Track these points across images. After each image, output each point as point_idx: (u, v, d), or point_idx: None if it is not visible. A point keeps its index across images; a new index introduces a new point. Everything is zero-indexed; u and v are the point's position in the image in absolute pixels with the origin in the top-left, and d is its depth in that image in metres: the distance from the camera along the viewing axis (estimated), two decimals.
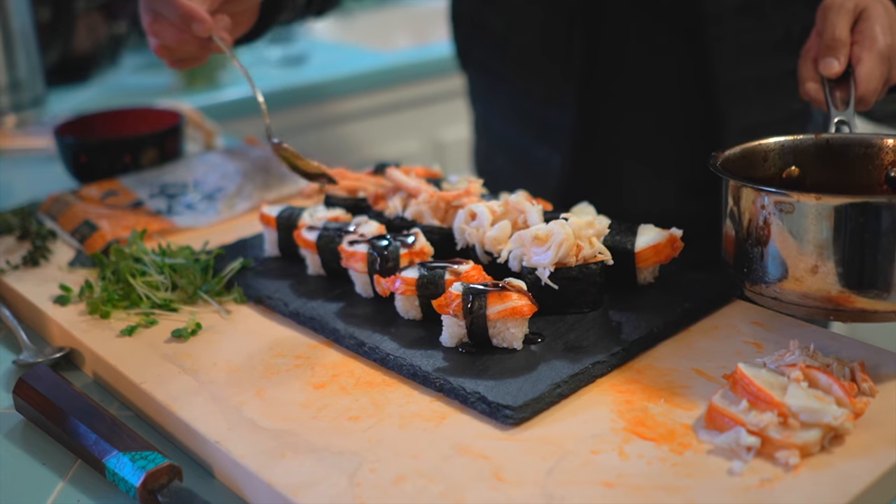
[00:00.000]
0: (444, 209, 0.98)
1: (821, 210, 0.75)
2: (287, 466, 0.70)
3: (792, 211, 0.77)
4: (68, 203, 1.19)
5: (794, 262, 0.78)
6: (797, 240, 0.77)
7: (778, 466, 0.67)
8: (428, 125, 2.35)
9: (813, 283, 0.77)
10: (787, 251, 0.78)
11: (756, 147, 0.91)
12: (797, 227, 0.77)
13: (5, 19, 1.78)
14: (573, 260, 0.85)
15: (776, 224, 0.78)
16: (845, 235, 0.75)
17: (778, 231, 0.78)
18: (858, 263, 0.76)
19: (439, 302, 0.82)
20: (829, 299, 0.77)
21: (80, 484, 0.75)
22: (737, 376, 0.73)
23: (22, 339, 0.96)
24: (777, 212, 0.78)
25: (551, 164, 1.33)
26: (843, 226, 0.75)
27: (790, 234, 0.77)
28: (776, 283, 0.79)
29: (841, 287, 0.76)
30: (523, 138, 1.39)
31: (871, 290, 0.76)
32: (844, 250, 0.75)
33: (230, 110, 2.00)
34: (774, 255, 0.79)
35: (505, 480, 0.67)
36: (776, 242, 0.78)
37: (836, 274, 0.76)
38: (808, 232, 0.76)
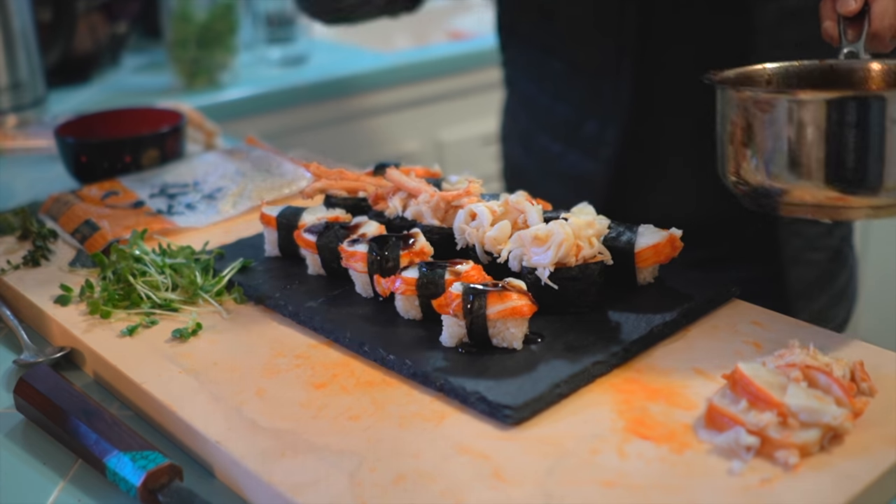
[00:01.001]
0: (444, 209, 0.98)
1: (797, 106, 0.78)
2: (287, 466, 0.70)
3: (771, 110, 0.79)
4: (69, 203, 1.19)
5: (779, 161, 0.80)
6: (779, 138, 0.79)
7: (777, 466, 0.67)
8: (428, 125, 2.35)
9: (795, 181, 0.79)
10: (769, 149, 0.80)
11: (758, 70, 0.92)
12: (777, 125, 0.79)
13: (6, 19, 1.78)
14: (573, 260, 0.85)
15: (759, 125, 0.80)
16: (822, 131, 0.77)
17: (761, 132, 0.80)
18: (834, 159, 0.78)
19: (439, 302, 0.82)
20: (809, 196, 0.79)
21: (80, 484, 0.75)
22: (736, 376, 0.73)
23: (22, 338, 0.96)
24: (759, 112, 0.80)
25: (606, 136, 1.33)
26: (820, 121, 0.77)
27: (771, 132, 0.79)
28: (763, 182, 0.81)
29: (822, 184, 0.78)
30: (574, 112, 1.38)
31: (847, 184, 0.78)
32: (821, 146, 0.77)
33: (231, 110, 2.00)
34: (759, 155, 0.81)
35: (505, 480, 0.67)
36: (758, 141, 0.81)
37: (815, 170, 0.78)
38: (788, 129, 0.78)
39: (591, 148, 1.35)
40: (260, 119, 2.06)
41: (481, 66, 2.37)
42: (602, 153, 1.33)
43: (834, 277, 1.39)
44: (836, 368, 0.75)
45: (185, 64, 2.08)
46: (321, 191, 1.10)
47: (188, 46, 2.06)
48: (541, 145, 1.45)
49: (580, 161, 1.37)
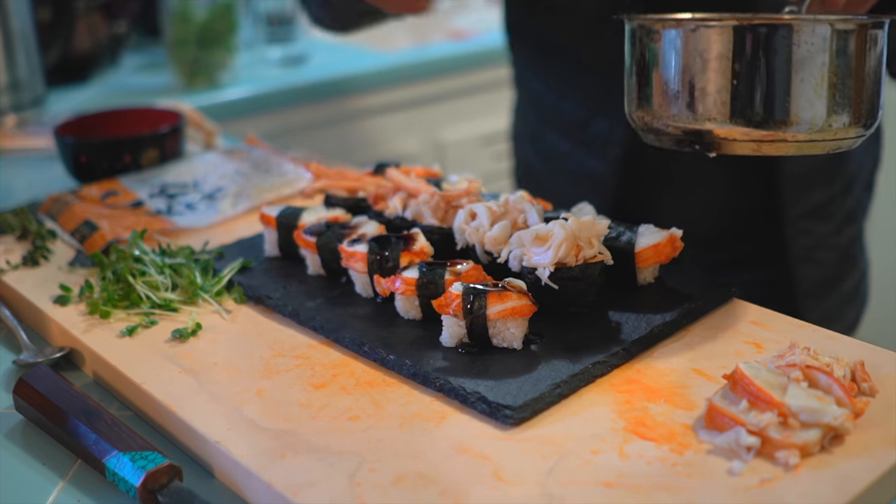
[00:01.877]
0: (444, 209, 0.98)
1: (677, 35, 0.76)
2: (287, 466, 0.70)
3: (659, 39, 0.78)
4: (68, 203, 1.19)
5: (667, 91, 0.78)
6: (668, 67, 0.77)
7: (778, 466, 0.67)
8: (428, 125, 2.35)
9: (680, 111, 0.78)
10: (660, 80, 0.79)
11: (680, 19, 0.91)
12: (666, 55, 0.78)
13: (5, 19, 1.78)
14: (573, 260, 0.85)
15: (650, 55, 0.79)
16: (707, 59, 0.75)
17: (652, 61, 0.79)
18: (717, 89, 0.76)
19: (439, 302, 0.82)
20: (690, 127, 0.78)
21: (80, 484, 0.75)
22: (737, 376, 0.73)
23: (22, 339, 0.96)
24: (648, 43, 0.79)
25: (614, 135, 1.33)
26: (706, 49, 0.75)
27: (661, 62, 0.78)
28: (657, 114, 0.80)
29: (705, 113, 0.77)
30: (581, 111, 1.38)
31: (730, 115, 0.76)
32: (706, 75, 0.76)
33: (230, 110, 2.00)
34: (654, 86, 0.80)
35: (505, 480, 0.67)
36: (651, 73, 0.79)
37: (701, 100, 0.76)
38: (677, 58, 0.77)
39: (598, 147, 1.35)
40: (260, 119, 2.06)
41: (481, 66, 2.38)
42: (610, 152, 1.33)
43: (843, 279, 1.39)
44: (837, 368, 0.75)
45: (185, 64, 2.08)
46: (321, 191, 1.10)
47: (188, 46, 2.06)
48: (549, 144, 1.45)
49: (588, 160, 1.37)
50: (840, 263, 1.37)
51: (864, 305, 1.49)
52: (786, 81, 0.75)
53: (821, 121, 0.76)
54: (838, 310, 1.39)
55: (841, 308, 1.40)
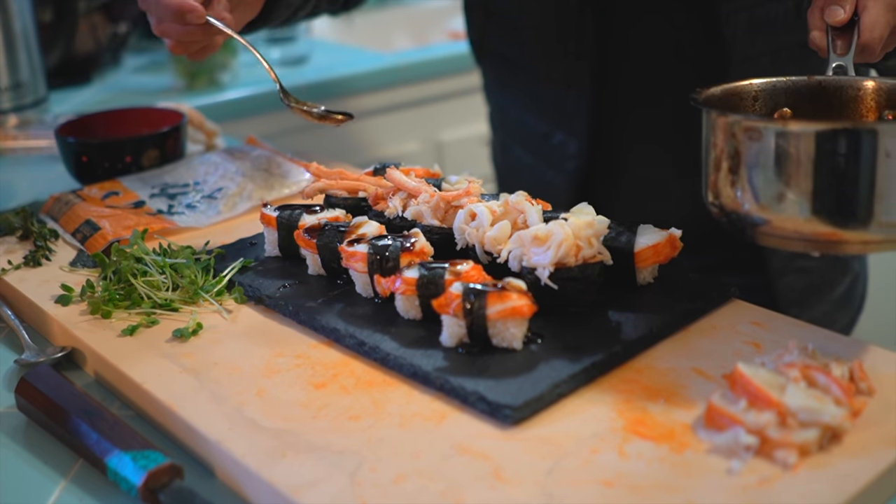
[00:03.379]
0: (444, 209, 0.98)
1: (788, 137, 0.74)
2: (288, 466, 0.70)
3: (760, 138, 0.76)
4: (70, 203, 1.19)
5: (767, 191, 0.77)
6: (766, 168, 0.76)
7: (776, 466, 0.67)
8: (428, 125, 2.35)
9: (784, 213, 0.76)
10: (759, 180, 0.77)
11: (744, 87, 0.89)
12: (766, 154, 0.76)
13: (7, 20, 1.78)
14: (573, 260, 0.85)
15: (747, 152, 0.77)
16: (812, 162, 0.74)
17: (749, 160, 0.77)
18: (825, 191, 0.74)
19: (439, 302, 0.82)
20: (799, 229, 0.76)
21: (81, 483, 0.75)
22: (736, 376, 0.73)
23: (24, 338, 0.96)
24: (747, 140, 0.77)
25: (569, 149, 1.34)
26: (811, 153, 0.74)
27: (760, 162, 0.76)
28: (751, 212, 0.78)
29: (810, 216, 0.75)
30: (542, 125, 1.40)
31: (838, 217, 0.75)
32: (812, 178, 0.74)
33: (231, 110, 2.00)
34: (748, 184, 0.78)
35: (505, 480, 0.67)
36: (747, 171, 0.77)
37: (805, 203, 0.75)
38: (777, 159, 0.75)
39: (557, 160, 1.37)
40: (260, 119, 2.06)
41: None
42: (568, 166, 1.35)
43: (832, 285, 1.38)
44: (835, 368, 0.75)
45: (186, 64, 2.08)
46: (321, 191, 1.10)
47: None
48: (514, 156, 1.47)
49: (548, 173, 1.39)
50: (828, 269, 1.36)
51: (860, 310, 1.48)
52: (872, 184, 0.74)
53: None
54: (830, 315, 1.38)
55: (832, 313, 1.39)
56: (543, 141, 1.39)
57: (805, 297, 1.34)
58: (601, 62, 1.28)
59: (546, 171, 1.40)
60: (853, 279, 1.43)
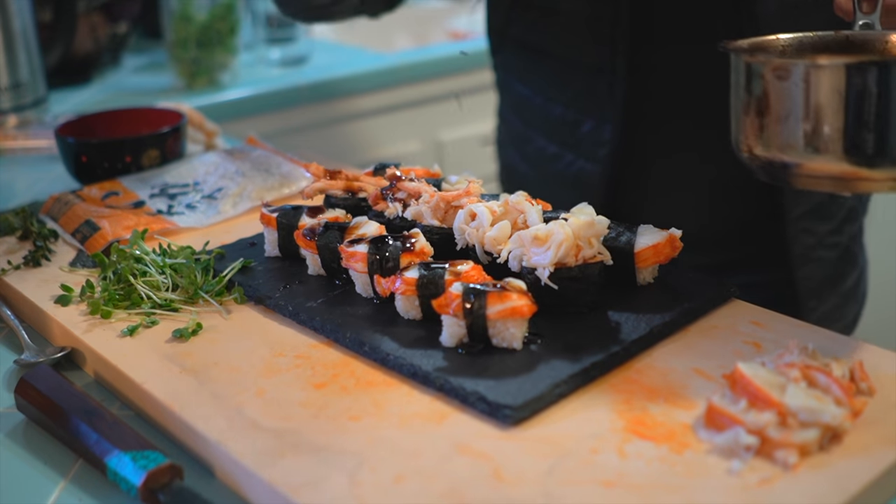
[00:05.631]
0: (444, 209, 0.98)
1: (816, 72, 0.74)
2: (287, 466, 0.70)
3: (788, 77, 0.75)
4: (69, 203, 1.19)
5: (796, 132, 0.76)
6: (795, 107, 0.75)
7: (777, 466, 0.67)
8: (428, 125, 2.35)
9: (815, 153, 0.75)
10: (788, 121, 0.76)
11: (771, 41, 0.88)
12: (794, 94, 0.75)
13: (6, 20, 1.78)
14: (573, 260, 0.85)
15: (775, 92, 0.77)
16: (840, 98, 0.73)
17: (776, 99, 0.76)
18: (853, 128, 0.74)
19: (439, 302, 0.82)
20: (830, 169, 0.75)
21: (81, 483, 0.75)
22: (736, 376, 0.73)
23: (23, 338, 0.96)
24: (775, 80, 0.76)
25: (602, 135, 1.32)
26: (838, 88, 0.73)
27: (788, 101, 0.76)
28: (780, 153, 0.78)
29: (841, 154, 0.74)
30: (570, 113, 1.37)
31: (868, 154, 0.74)
32: (840, 115, 0.73)
33: (231, 111, 2.00)
34: (777, 125, 0.77)
35: (505, 480, 0.67)
36: (776, 111, 0.77)
37: (836, 141, 0.74)
38: (806, 97, 0.75)
39: (588, 148, 1.34)
40: (260, 119, 2.06)
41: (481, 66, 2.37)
42: (599, 153, 1.32)
43: (843, 277, 1.39)
44: (836, 368, 0.75)
45: (186, 64, 2.08)
46: (321, 191, 1.10)
47: (188, 47, 2.06)
48: (537, 148, 1.44)
49: (577, 162, 1.37)
50: (840, 262, 1.37)
51: (864, 302, 1.48)
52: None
53: None
54: (839, 308, 1.39)
55: (842, 306, 1.40)
56: (572, 129, 1.37)
57: (821, 288, 1.34)
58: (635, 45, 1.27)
59: (575, 160, 1.37)
60: (860, 272, 1.43)
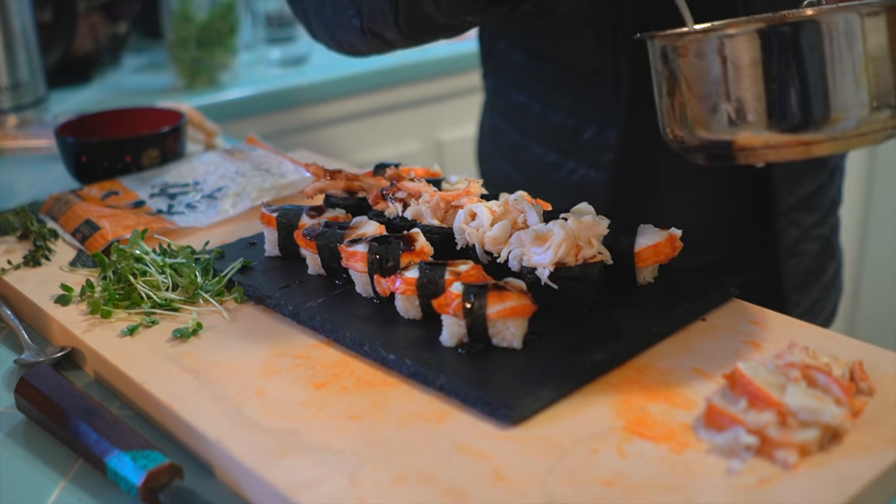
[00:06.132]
0: (444, 209, 0.98)
1: (712, 44, 0.73)
2: (287, 466, 0.70)
3: (686, 54, 0.74)
4: (69, 203, 1.19)
5: (703, 105, 0.75)
6: (700, 81, 0.74)
7: (777, 465, 0.67)
8: (428, 125, 2.35)
9: (744, 129, 0.74)
10: (694, 95, 0.75)
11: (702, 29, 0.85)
12: (697, 68, 0.74)
13: (6, 20, 1.78)
14: (573, 260, 0.85)
15: (680, 71, 0.76)
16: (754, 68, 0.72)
17: (683, 77, 0.75)
18: (777, 96, 0.72)
19: (439, 301, 0.82)
20: (735, 139, 0.74)
21: (81, 483, 0.75)
22: (736, 376, 0.73)
23: (23, 338, 0.96)
24: (677, 58, 0.75)
25: (606, 140, 1.30)
26: (749, 58, 0.72)
27: (693, 77, 0.75)
28: (694, 130, 0.76)
29: (768, 126, 0.73)
30: (571, 120, 1.35)
31: (791, 124, 0.73)
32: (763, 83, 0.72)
33: (231, 110, 2.01)
34: (687, 102, 0.76)
35: (505, 479, 0.67)
36: (684, 89, 0.76)
37: (738, 110, 0.73)
38: (708, 70, 0.74)
39: (590, 155, 1.32)
40: (260, 119, 2.06)
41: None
42: (603, 159, 1.30)
43: (824, 269, 1.39)
44: (836, 368, 0.75)
45: (186, 64, 2.08)
46: (321, 191, 1.10)
47: (188, 46, 2.06)
48: (534, 157, 1.41)
49: (579, 170, 1.35)
50: (821, 254, 1.37)
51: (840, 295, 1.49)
52: (823, 79, 0.72)
53: (866, 111, 0.73)
54: (821, 301, 1.39)
55: (823, 299, 1.40)
56: (573, 137, 1.34)
57: (804, 281, 1.34)
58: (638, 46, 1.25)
59: (577, 168, 1.34)
60: (838, 264, 1.44)
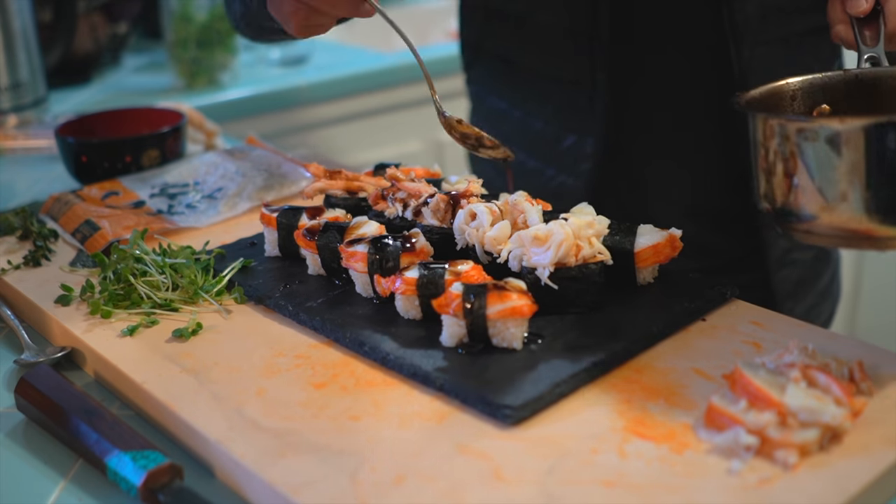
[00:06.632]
0: (444, 209, 0.98)
1: (843, 134, 0.73)
2: (287, 466, 0.70)
3: (816, 139, 0.75)
4: (69, 203, 1.19)
5: (824, 192, 0.76)
6: (823, 168, 0.75)
7: (777, 466, 0.67)
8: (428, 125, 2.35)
9: (843, 213, 0.75)
10: (814, 181, 0.76)
11: (782, 87, 0.88)
12: (822, 154, 0.75)
13: (6, 20, 1.78)
14: (573, 260, 0.85)
15: (802, 154, 0.76)
16: (870, 159, 0.73)
17: (804, 161, 0.76)
18: (886, 188, 0.73)
19: (439, 302, 0.82)
20: (859, 228, 0.75)
21: (81, 483, 0.75)
22: (736, 376, 0.73)
23: (23, 338, 0.96)
24: (802, 141, 0.76)
25: (584, 149, 1.30)
26: (866, 148, 0.73)
27: (816, 163, 0.75)
28: (809, 215, 0.77)
29: (870, 214, 0.74)
30: (550, 128, 1.35)
31: (886, 214, 0.74)
32: (870, 174, 0.73)
33: (231, 110, 2.01)
34: (803, 187, 0.77)
35: (505, 480, 0.67)
36: (803, 173, 0.76)
37: (864, 200, 0.74)
38: (834, 158, 0.74)
39: (569, 163, 1.33)
40: (260, 119, 2.06)
41: None
42: (582, 167, 1.31)
43: (819, 276, 1.39)
44: (836, 368, 0.75)
45: (186, 64, 2.08)
46: (321, 191, 1.10)
47: (188, 47, 2.06)
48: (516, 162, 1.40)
49: (559, 176, 1.35)
50: (816, 261, 1.37)
51: (838, 301, 1.48)
52: None
53: None
54: (816, 307, 1.39)
55: (818, 305, 1.40)
56: (553, 144, 1.35)
57: (797, 289, 1.34)
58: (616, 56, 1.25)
59: (556, 175, 1.35)
60: (833, 271, 1.44)
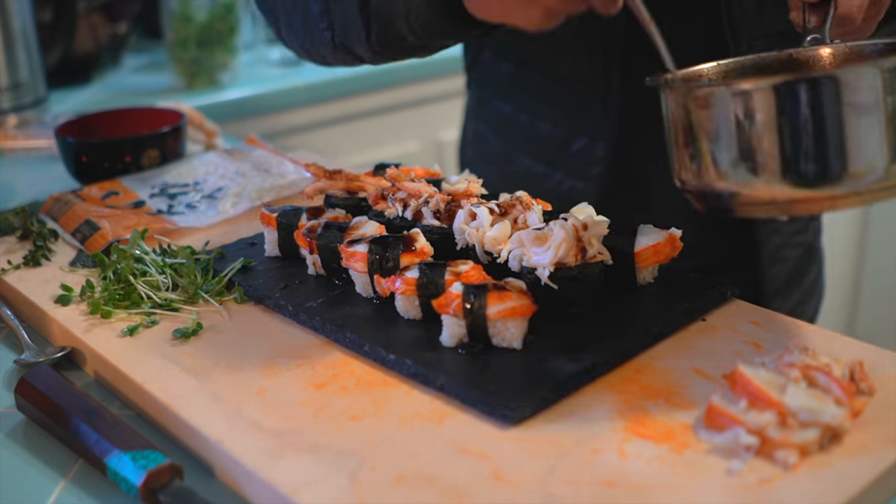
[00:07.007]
0: (444, 209, 0.98)
1: (754, 94, 0.70)
2: (287, 466, 0.70)
3: (709, 105, 0.72)
4: (69, 203, 1.19)
5: (725, 159, 0.72)
6: (726, 135, 0.72)
7: (777, 466, 0.67)
8: (428, 125, 2.36)
9: (752, 181, 0.72)
10: (715, 148, 0.73)
11: (712, 68, 0.84)
12: (718, 120, 0.72)
13: (6, 20, 1.78)
14: (573, 260, 0.85)
15: (699, 121, 0.73)
16: (770, 122, 0.70)
17: (704, 128, 0.73)
18: (787, 152, 0.70)
19: (439, 302, 0.82)
20: (770, 196, 0.72)
21: (81, 483, 0.75)
22: (736, 376, 0.73)
23: (23, 338, 0.96)
24: (697, 108, 0.73)
25: (595, 153, 1.28)
26: (766, 112, 0.70)
27: (713, 129, 0.72)
28: (712, 184, 0.74)
29: (780, 180, 0.71)
30: (558, 131, 1.33)
31: (804, 178, 0.70)
32: (771, 139, 0.70)
33: (231, 110, 2.01)
34: (716, 156, 0.73)
35: (505, 480, 0.67)
36: (702, 140, 0.73)
37: (768, 166, 0.71)
38: (734, 123, 0.71)
39: (578, 167, 1.31)
40: (260, 119, 2.06)
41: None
42: (591, 171, 1.29)
43: (804, 273, 1.39)
44: (836, 368, 0.75)
45: (186, 64, 2.08)
46: (321, 191, 1.10)
47: (188, 46, 2.06)
48: (521, 168, 1.39)
49: (567, 180, 1.33)
50: (802, 259, 1.37)
51: (822, 298, 1.49)
52: (844, 134, 0.70)
53: (890, 165, 0.71)
54: (802, 304, 1.39)
55: (804, 303, 1.40)
56: (561, 148, 1.32)
57: (785, 286, 1.34)
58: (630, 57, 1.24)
59: (564, 179, 1.33)
60: (818, 268, 1.44)
